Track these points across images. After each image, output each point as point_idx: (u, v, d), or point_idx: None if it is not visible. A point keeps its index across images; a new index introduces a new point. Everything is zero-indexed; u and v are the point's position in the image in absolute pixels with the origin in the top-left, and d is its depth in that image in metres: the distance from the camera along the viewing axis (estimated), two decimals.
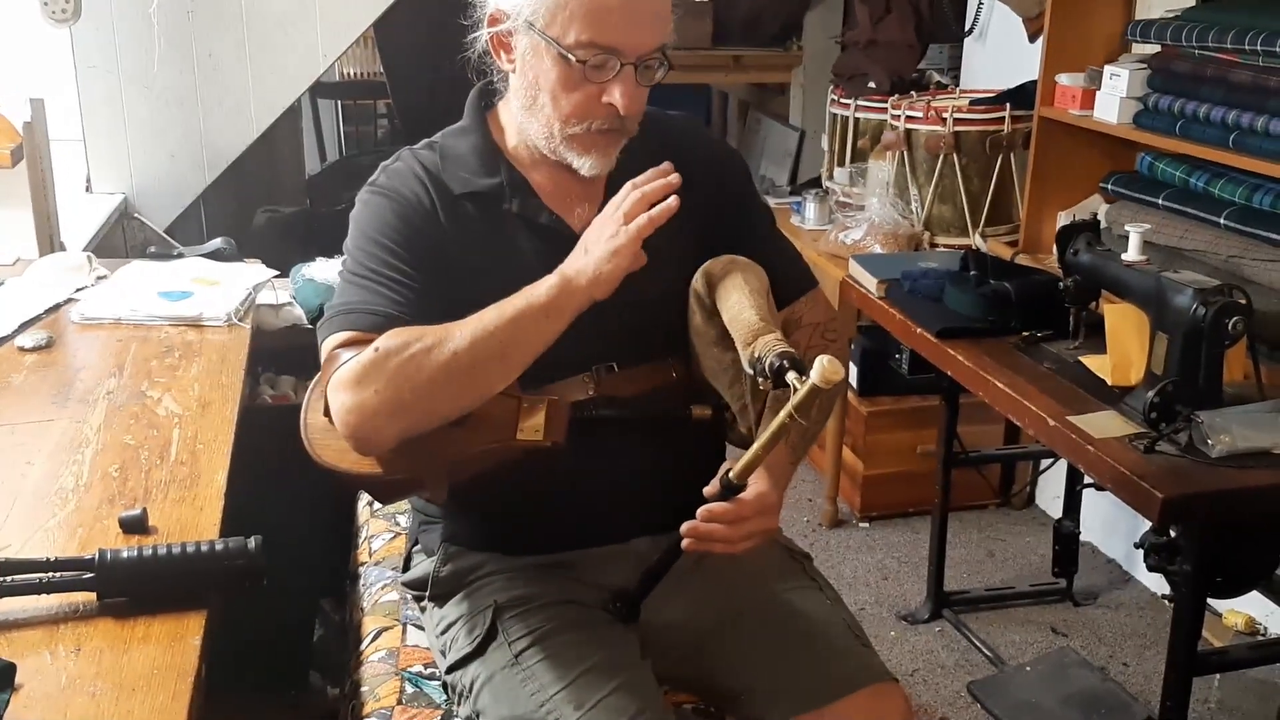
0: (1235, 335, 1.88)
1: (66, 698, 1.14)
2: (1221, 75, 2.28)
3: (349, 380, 1.37)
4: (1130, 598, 2.99)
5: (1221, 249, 2.26)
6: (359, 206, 1.53)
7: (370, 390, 1.35)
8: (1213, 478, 1.79)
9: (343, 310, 1.45)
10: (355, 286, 1.46)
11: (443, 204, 1.51)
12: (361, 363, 1.36)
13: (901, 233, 3.08)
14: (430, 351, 1.35)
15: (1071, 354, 2.20)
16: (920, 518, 3.29)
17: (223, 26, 3.16)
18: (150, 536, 1.42)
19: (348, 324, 1.43)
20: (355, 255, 1.49)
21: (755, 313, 1.44)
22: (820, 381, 1.26)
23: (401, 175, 1.53)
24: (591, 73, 1.42)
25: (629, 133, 1.49)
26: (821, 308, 1.66)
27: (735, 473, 1.37)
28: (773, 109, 5.14)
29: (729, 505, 1.39)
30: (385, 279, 1.45)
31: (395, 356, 1.35)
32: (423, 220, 1.49)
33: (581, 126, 1.45)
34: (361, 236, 1.50)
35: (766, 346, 1.38)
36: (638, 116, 1.48)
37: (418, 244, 1.48)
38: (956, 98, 3.30)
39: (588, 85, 1.43)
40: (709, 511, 1.39)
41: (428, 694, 1.57)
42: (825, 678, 1.48)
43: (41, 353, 1.98)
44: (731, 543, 1.40)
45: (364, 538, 1.97)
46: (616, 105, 1.43)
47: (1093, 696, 2.54)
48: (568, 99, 1.44)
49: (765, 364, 1.36)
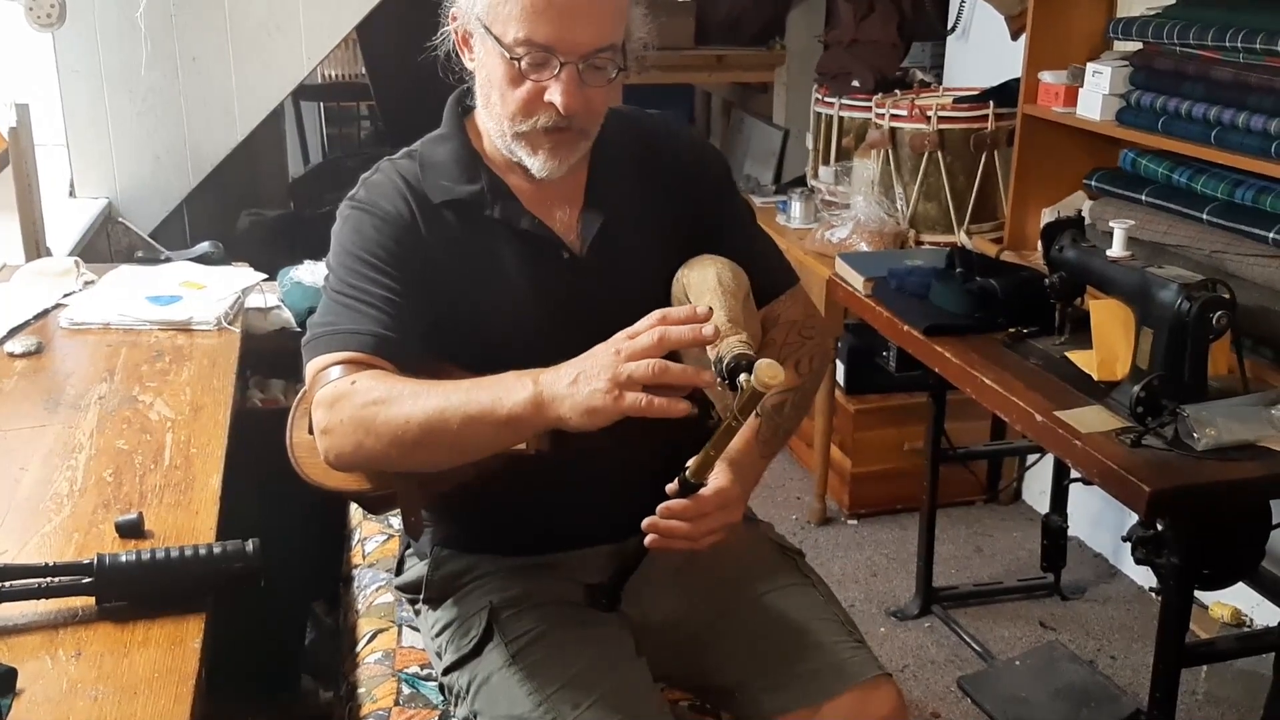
0: (1220, 329, 1.90)
1: (69, 702, 1.14)
2: (1203, 72, 2.30)
3: (324, 402, 1.37)
4: (1117, 591, 3.01)
5: (1205, 244, 2.28)
6: (340, 222, 1.52)
7: (337, 420, 1.35)
8: (1199, 470, 1.81)
9: (327, 332, 1.43)
10: (338, 306, 1.45)
11: (423, 215, 1.50)
12: (336, 391, 1.36)
13: (887, 231, 3.09)
14: (389, 409, 1.32)
15: (1057, 349, 2.22)
16: (908, 514, 3.30)
17: (206, 29, 3.15)
18: (146, 541, 1.42)
19: (333, 345, 1.42)
20: (337, 273, 1.48)
21: (725, 313, 1.45)
22: (757, 384, 1.26)
23: (381, 188, 1.51)
24: (531, 70, 1.41)
25: (585, 134, 1.47)
26: (800, 305, 1.66)
27: (691, 471, 1.38)
28: (756, 108, 5.15)
29: (687, 503, 1.39)
30: (367, 298, 1.44)
31: (360, 399, 1.34)
32: (403, 234, 1.48)
33: (527, 124, 1.44)
34: (343, 253, 1.49)
35: (728, 347, 1.39)
36: (590, 116, 1.46)
37: (398, 259, 1.47)
38: (940, 96, 3.32)
39: (530, 83, 1.42)
40: (668, 509, 1.39)
41: (424, 695, 1.58)
42: (819, 674, 1.49)
43: (31, 358, 1.98)
44: (693, 538, 1.41)
45: (357, 540, 1.97)
46: (556, 104, 1.41)
47: (1082, 690, 2.56)
48: (512, 96, 1.43)
49: (723, 365, 1.37)
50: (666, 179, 1.59)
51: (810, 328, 1.64)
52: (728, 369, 1.34)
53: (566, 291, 1.52)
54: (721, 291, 1.47)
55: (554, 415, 1.27)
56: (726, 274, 1.50)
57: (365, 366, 1.39)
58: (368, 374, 1.37)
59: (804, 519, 3.37)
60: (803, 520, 3.37)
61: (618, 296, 1.52)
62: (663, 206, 1.58)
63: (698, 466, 1.38)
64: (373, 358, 1.40)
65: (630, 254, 1.54)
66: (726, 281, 1.49)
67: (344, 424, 1.35)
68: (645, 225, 1.56)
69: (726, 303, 1.45)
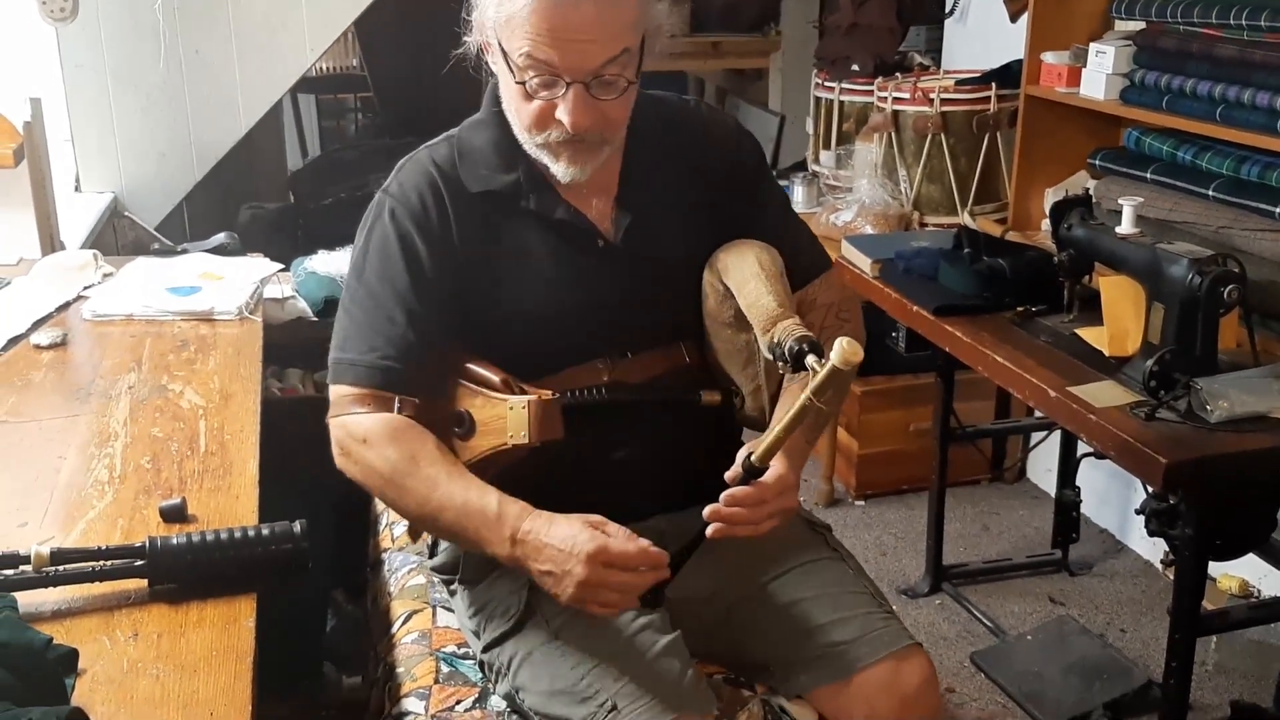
0: (1230, 303, 1.93)
1: (130, 680, 1.16)
2: (1207, 50, 2.33)
3: (339, 439, 1.49)
4: (1125, 566, 3.05)
5: (1211, 220, 2.32)
6: (371, 215, 1.55)
7: (349, 461, 1.49)
8: (1213, 442, 1.84)
9: (350, 363, 1.50)
10: (360, 320, 1.50)
11: (454, 205, 1.51)
12: (349, 440, 1.48)
13: (891, 213, 3.12)
14: (394, 490, 1.47)
15: (1067, 327, 2.25)
16: (915, 494, 3.34)
17: (209, 23, 3.16)
18: (190, 525, 1.44)
19: (355, 378, 1.49)
20: (363, 278, 1.52)
21: (773, 298, 1.47)
22: (840, 363, 1.29)
23: (414, 178, 1.53)
24: (539, 89, 1.43)
25: (605, 141, 1.48)
26: (835, 288, 1.68)
27: (757, 456, 1.39)
28: (751, 95, 5.17)
29: (750, 489, 1.41)
30: (387, 316, 1.49)
31: (370, 463, 1.47)
32: (427, 234, 1.50)
33: (542, 137, 1.46)
34: (368, 259, 1.52)
35: (785, 331, 1.41)
36: (605, 128, 1.46)
37: (425, 261, 1.50)
38: (941, 79, 3.34)
39: (539, 100, 1.44)
40: (731, 496, 1.41)
41: (463, 673, 1.60)
42: (852, 645, 1.52)
43: (57, 350, 1.99)
44: (755, 524, 1.43)
45: (385, 525, 1.99)
46: (566, 125, 1.42)
47: (1094, 663, 2.59)
48: (525, 110, 1.46)
49: (785, 349, 1.39)
50: (701, 166, 1.60)
51: (846, 310, 1.66)
52: (790, 353, 1.36)
53: (600, 280, 1.54)
54: (765, 276, 1.49)
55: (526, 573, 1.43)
56: (765, 257, 1.52)
57: (371, 399, 1.47)
58: (382, 436, 1.46)
59: (812, 501, 3.40)
60: (811, 502, 3.40)
61: (651, 282, 1.54)
62: (697, 193, 1.59)
63: (765, 451, 1.39)
64: (382, 393, 1.47)
65: (664, 242, 1.56)
66: (767, 265, 1.51)
67: (354, 468, 1.49)
68: (679, 213, 1.58)
69: (772, 286, 1.47)
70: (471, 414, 1.51)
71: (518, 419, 1.48)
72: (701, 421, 1.61)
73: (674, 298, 1.60)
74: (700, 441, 1.59)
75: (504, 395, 1.50)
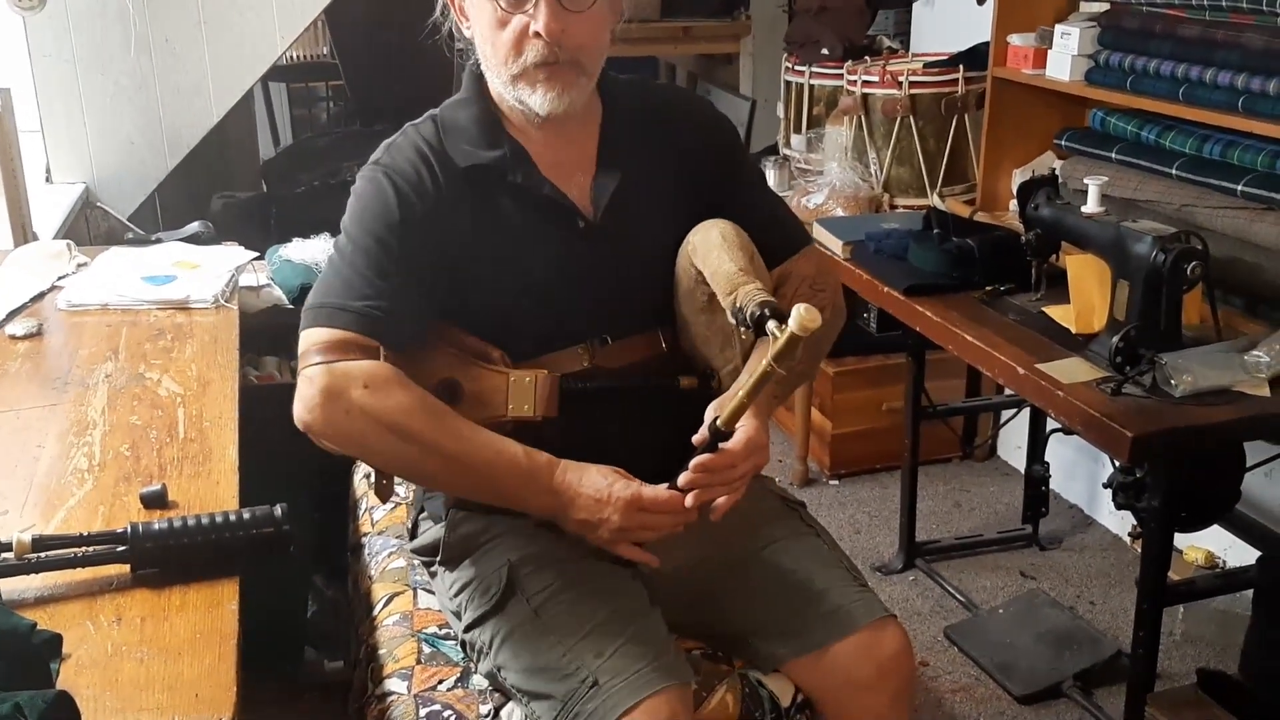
0: (1193, 280, 1.97)
1: (115, 664, 1.18)
2: (1170, 30, 2.36)
3: (350, 378, 1.42)
4: (1093, 540, 3.10)
5: (1174, 199, 2.35)
6: (361, 183, 1.56)
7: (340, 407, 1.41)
8: (1178, 415, 1.88)
9: (337, 308, 1.46)
10: (347, 274, 1.48)
11: (445, 178, 1.53)
12: (357, 375, 1.42)
13: (862, 195, 3.15)
14: (405, 428, 1.42)
15: (1034, 305, 2.29)
16: (888, 473, 3.38)
17: (177, 10, 3.14)
18: (171, 511, 1.45)
19: (344, 323, 1.44)
20: (353, 235, 1.52)
21: (733, 263, 1.49)
22: (798, 329, 1.31)
23: (403, 151, 1.55)
24: (511, 6, 1.45)
25: (579, 66, 1.50)
26: (813, 262, 1.71)
27: (723, 420, 1.42)
28: (721, 79, 5.18)
29: (719, 456, 1.44)
30: (372, 271, 1.47)
31: (378, 398, 1.41)
32: (421, 198, 1.52)
33: (518, 64, 1.48)
34: (361, 217, 1.52)
35: (747, 296, 1.43)
36: (578, 46, 1.48)
37: (413, 225, 1.50)
38: (910, 61, 3.37)
39: (515, 18, 1.46)
40: (701, 464, 1.44)
41: (445, 653, 1.62)
42: (828, 617, 1.55)
43: (33, 340, 1.99)
44: (730, 486, 1.47)
45: (364, 509, 2.01)
46: (540, 32, 1.44)
47: (1064, 634, 2.64)
48: (500, 39, 1.48)
49: (746, 313, 1.41)
50: (677, 146, 1.63)
51: (822, 282, 1.69)
52: (752, 317, 1.38)
53: (580, 257, 1.56)
54: (725, 245, 1.51)
55: (559, 520, 1.50)
56: (729, 230, 1.55)
57: (358, 346, 1.43)
58: (388, 380, 1.42)
59: (786, 480, 3.44)
60: (785, 482, 3.43)
61: (629, 262, 1.56)
62: (674, 173, 1.62)
63: (730, 414, 1.41)
64: (363, 338, 1.43)
65: (641, 220, 1.58)
66: (730, 236, 1.53)
67: (344, 418, 1.41)
68: (656, 192, 1.60)
69: (732, 254, 1.49)
70: (461, 384, 1.52)
71: (522, 392, 1.51)
72: (679, 403, 1.63)
73: (653, 280, 1.62)
74: (679, 421, 1.60)
75: (503, 369, 1.52)
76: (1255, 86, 2.14)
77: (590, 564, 1.54)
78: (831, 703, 1.57)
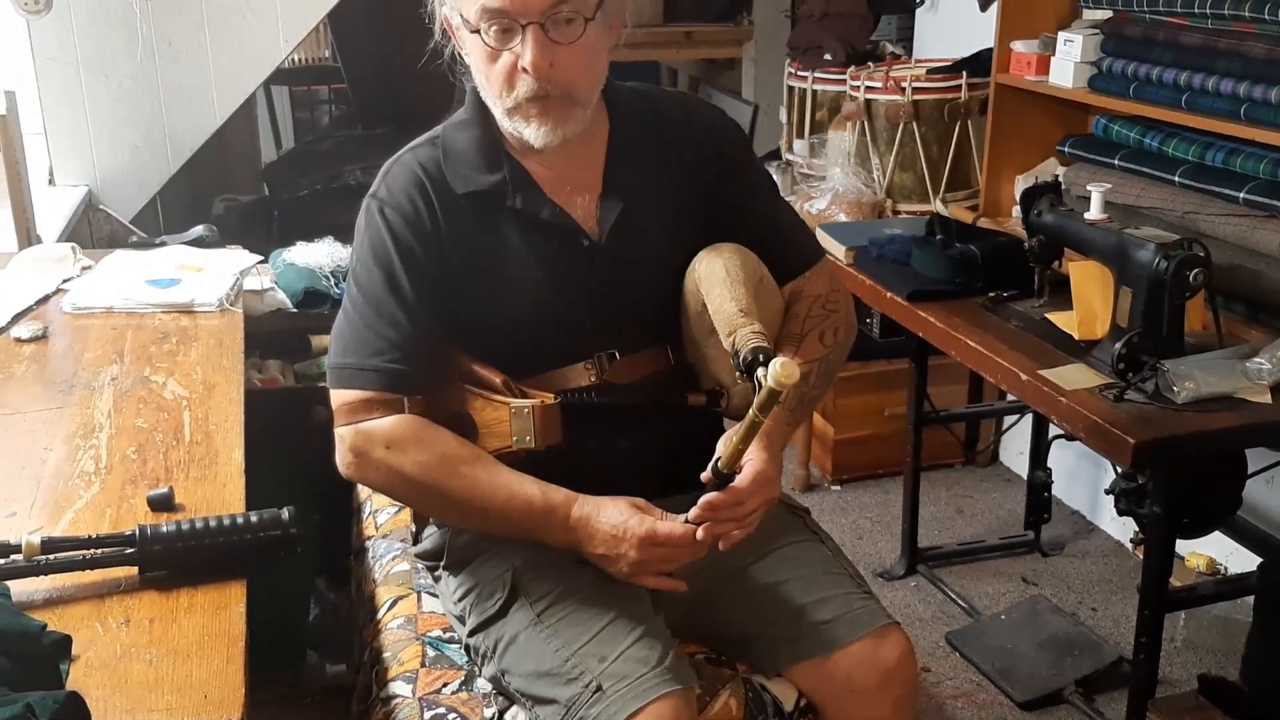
0: (1196, 287, 1.97)
1: (124, 665, 1.18)
2: (1172, 38, 2.37)
3: (374, 440, 1.49)
4: (1095, 546, 3.11)
5: (1177, 206, 2.36)
6: (361, 219, 1.56)
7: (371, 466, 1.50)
8: (1180, 422, 1.88)
9: (356, 368, 1.50)
10: (360, 328, 1.51)
11: (442, 206, 1.53)
12: (380, 437, 1.48)
13: (865, 201, 3.15)
14: (429, 485, 1.49)
15: (1037, 311, 2.30)
16: (890, 479, 3.39)
17: (181, 13, 3.15)
18: (177, 514, 1.46)
19: (364, 383, 1.49)
20: (361, 282, 1.53)
21: (735, 304, 1.48)
22: (774, 384, 1.30)
23: (400, 182, 1.54)
24: (498, 41, 1.44)
25: (571, 98, 1.48)
26: (825, 279, 1.69)
27: (723, 463, 1.42)
28: (722, 84, 5.19)
29: (725, 495, 1.44)
30: (389, 320, 1.49)
31: (399, 457, 1.48)
32: (419, 234, 1.52)
33: (512, 98, 1.47)
34: (365, 260, 1.53)
35: (744, 339, 1.43)
36: (568, 78, 1.46)
37: (419, 264, 1.51)
38: (913, 67, 3.38)
39: (503, 54, 1.45)
40: (710, 504, 1.44)
41: (449, 656, 1.63)
42: (831, 624, 1.55)
43: (38, 343, 2.00)
44: (741, 523, 1.47)
45: (368, 513, 2.01)
46: (528, 69, 1.43)
47: (1066, 640, 2.64)
48: (493, 73, 1.47)
49: (739, 358, 1.41)
50: (685, 159, 1.61)
51: (834, 301, 1.67)
52: (744, 362, 1.38)
53: (585, 279, 1.55)
54: (730, 282, 1.50)
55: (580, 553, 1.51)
56: (734, 263, 1.54)
57: (380, 404, 1.48)
58: (407, 439, 1.48)
59: (789, 486, 3.44)
60: (788, 487, 3.43)
61: (635, 281, 1.56)
62: (681, 188, 1.60)
63: (728, 458, 1.41)
64: (385, 394, 1.49)
65: (648, 240, 1.57)
66: (734, 270, 1.52)
67: (374, 474, 1.51)
68: (663, 209, 1.59)
69: (735, 292, 1.48)
70: (471, 416, 1.53)
71: (522, 423, 1.51)
72: (688, 419, 1.63)
73: (660, 298, 1.61)
74: (687, 437, 1.60)
75: (505, 398, 1.52)
76: (1257, 94, 2.15)
77: (593, 569, 1.54)
78: (834, 708, 1.57)
